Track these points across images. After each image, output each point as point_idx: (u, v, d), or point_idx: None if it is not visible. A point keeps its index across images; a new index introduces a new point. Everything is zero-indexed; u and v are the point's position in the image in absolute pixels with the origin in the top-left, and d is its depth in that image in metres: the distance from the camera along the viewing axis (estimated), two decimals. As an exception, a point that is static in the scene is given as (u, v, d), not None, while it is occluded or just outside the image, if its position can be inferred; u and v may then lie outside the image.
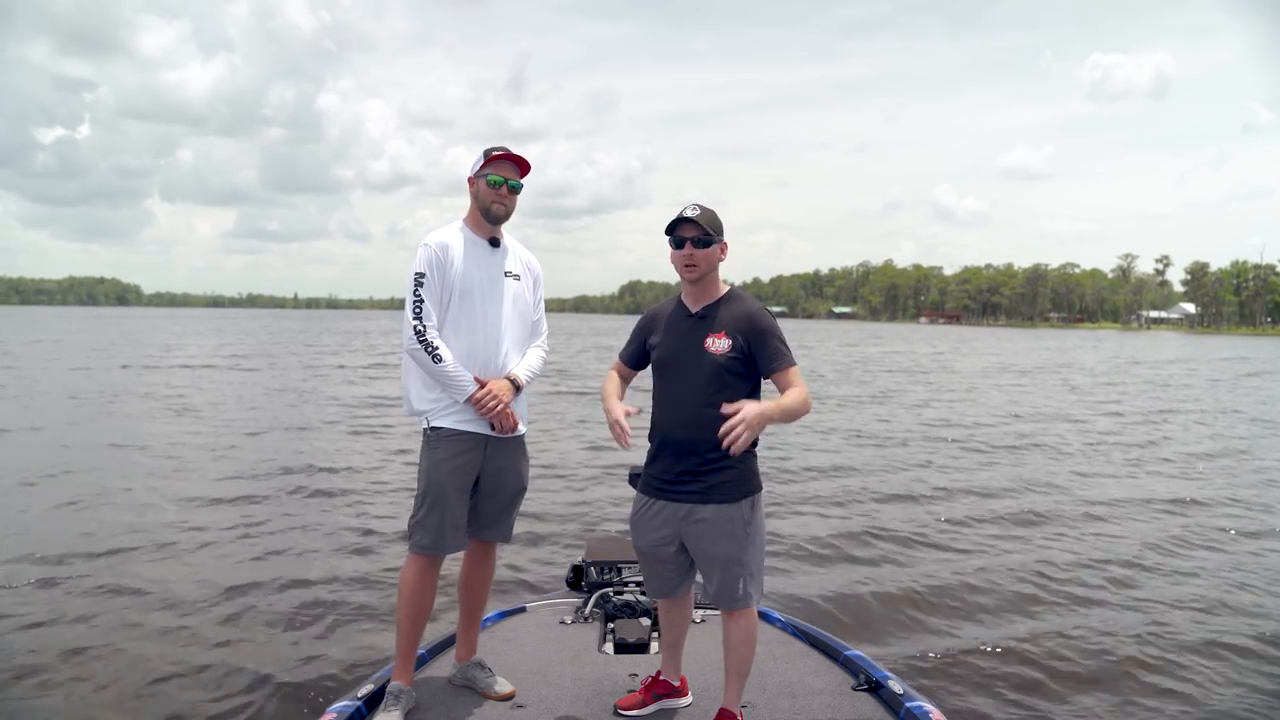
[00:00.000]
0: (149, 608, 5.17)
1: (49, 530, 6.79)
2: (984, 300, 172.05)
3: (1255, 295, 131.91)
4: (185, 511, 7.55)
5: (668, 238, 2.86)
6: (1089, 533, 7.39)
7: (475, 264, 3.05)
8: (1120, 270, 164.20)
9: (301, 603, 5.30)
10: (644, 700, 3.02)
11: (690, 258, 2.81)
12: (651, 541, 2.90)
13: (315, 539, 6.71)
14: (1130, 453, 12.05)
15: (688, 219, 2.79)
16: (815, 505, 8.28)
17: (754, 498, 2.83)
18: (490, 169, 3.04)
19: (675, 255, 2.84)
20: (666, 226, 2.85)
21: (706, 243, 2.81)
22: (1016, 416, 16.03)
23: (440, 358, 2.93)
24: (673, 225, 2.83)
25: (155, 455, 10.44)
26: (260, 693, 4.10)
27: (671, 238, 2.84)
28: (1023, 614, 5.38)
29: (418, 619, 3.06)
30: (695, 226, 2.79)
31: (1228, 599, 5.70)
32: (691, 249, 2.80)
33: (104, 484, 8.61)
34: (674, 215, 2.85)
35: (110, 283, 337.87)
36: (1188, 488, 9.44)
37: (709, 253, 2.82)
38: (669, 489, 2.85)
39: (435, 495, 2.98)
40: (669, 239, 2.86)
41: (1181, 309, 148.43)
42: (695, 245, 2.80)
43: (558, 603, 4.13)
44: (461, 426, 3.00)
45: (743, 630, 2.86)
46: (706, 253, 2.81)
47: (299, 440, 11.88)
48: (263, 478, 9.16)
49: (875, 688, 3.14)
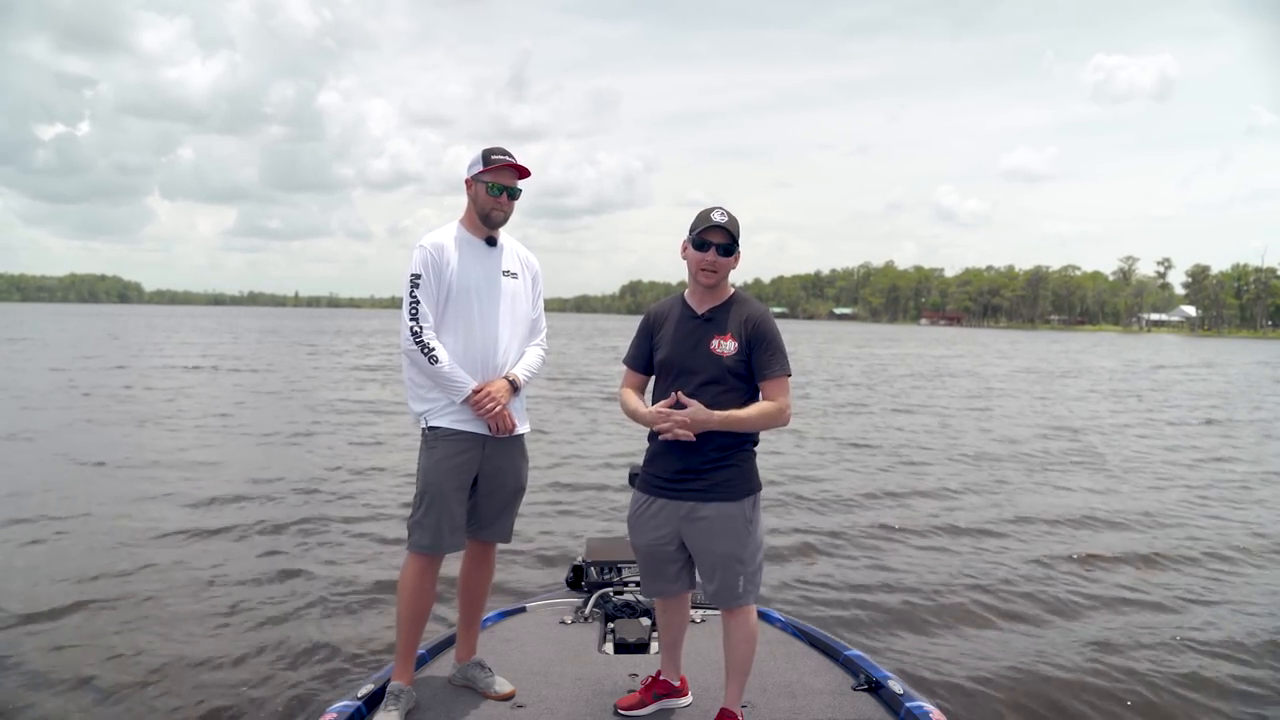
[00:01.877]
0: (147, 608, 5.16)
1: (49, 526, 6.81)
2: (985, 302, 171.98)
3: (1256, 298, 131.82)
4: (185, 511, 7.54)
5: (690, 235, 2.83)
6: (1098, 535, 7.39)
7: (471, 264, 3.05)
8: (1121, 272, 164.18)
9: (301, 602, 5.30)
10: (644, 700, 3.02)
11: (714, 264, 2.81)
12: (650, 540, 2.91)
13: (315, 539, 6.70)
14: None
15: (719, 225, 2.78)
16: (816, 505, 8.27)
17: (754, 496, 2.84)
18: (490, 176, 3.03)
19: (697, 257, 2.82)
20: (693, 225, 2.83)
21: (730, 250, 2.81)
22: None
23: (436, 359, 2.93)
24: (702, 229, 2.80)
25: (152, 454, 10.43)
26: (260, 693, 4.10)
27: (697, 238, 2.82)
28: (1023, 614, 5.37)
29: (417, 619, 3.06)
30: (724, 234, 2.79)
31: (1236, 613, 5.68)
32: (716, 256, 2.80)
33: (101, 482, 8.61)
34: (699, 213, 2.83)
35: (112, 280, 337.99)
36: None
37: (731, 260, 2.83)
38: (669, 487, 2.85)
39: (433, 495, 2.98)
40: (692, 238, 2.83)
41: (1182, 312, 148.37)
42: (720, 253, 2.80)
43: (558, 603, 4.13)
44: (459, 426, 3.00)
45: (743, 629, 2.86)
46: (729, 260, 2.82)
47: (298, 440, 11.87)
48: (262, 478, 9.15)
49: (875, 688, 3.14)
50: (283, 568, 5.92)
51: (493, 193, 3.03)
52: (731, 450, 2.79)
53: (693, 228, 2.83)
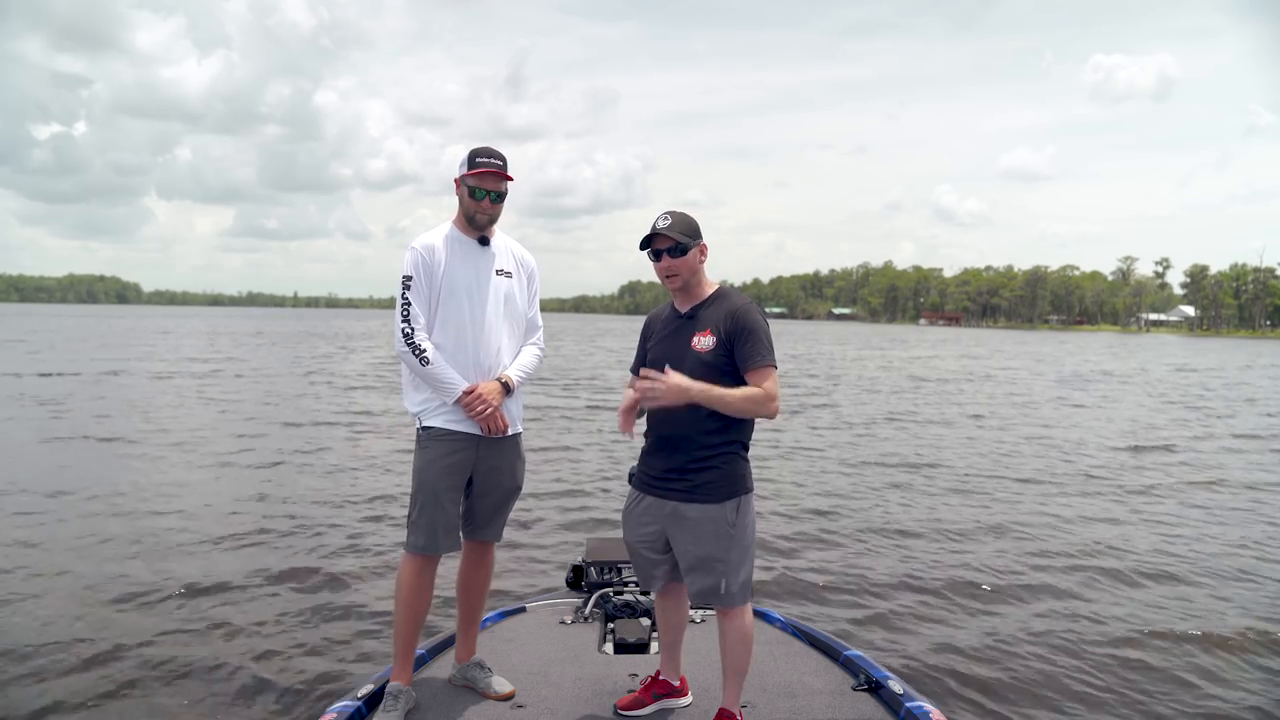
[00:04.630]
0: (146, 608, 5.16)
1: (46, 519, 6.81)
2: (983, 302, 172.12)
3: (1255, 299, 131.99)
4: (183, 511, 7.54)
5: (643, 252, 2.87)
6: (1106, 534, 7.39)
7: (463, 264, 3.05)
8: (1120, 272, 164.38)
9: (301, 603, 5.29)
10: (644, 700, 3.02)
11: (669, 268, 2.83)
12: (639, 536, 2.93)
13: (314, 539, 6.70)
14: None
15: (659, 232, 2.80)
16: (817, 504, 8.27)
17: (740, 499, 2.82)
18: (474, 180, 3.03)
19: (656, 268, 2.87)
20: (640, 242, 2.86)
21: (683, 250, 2.81)
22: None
23: (428, 360, 2.93)
24: (646, 240, 2.84)
25: (147, 454, 10.43)
26: (260, 693, 4.09)
27: (649, 251, 2.86)
28: (1024, 615, 5.38)
29: (415, 619, 3.06)
30: (666, 238, 2.80)
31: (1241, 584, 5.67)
32: (669, 260, 2.82)
33: (101, 479, 8.61)
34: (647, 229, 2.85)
35: (110, 280, 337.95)
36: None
37: (687, 260, 2.83)
38: (656, 484, 2.87)
39: (427, 495, 2.98)
40: (647, 253, 2.87)
41: (1181, 312, 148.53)
42: (671, 255, 2.82)
43: (558, 603, 4.13)
44: (453, 426, 3.00)
45: (737, 630, 2.86)
46: (685, 260, 2.83)
47: (297, 440, 11.86)
48: (260, 479, 9.15)
49: (875, 688, 3.14)
50: (282, 568, 5.91)
51: (475, 196, 3.04)
52: (718, 452, 2.79)
53: (641, 245, 2.87)
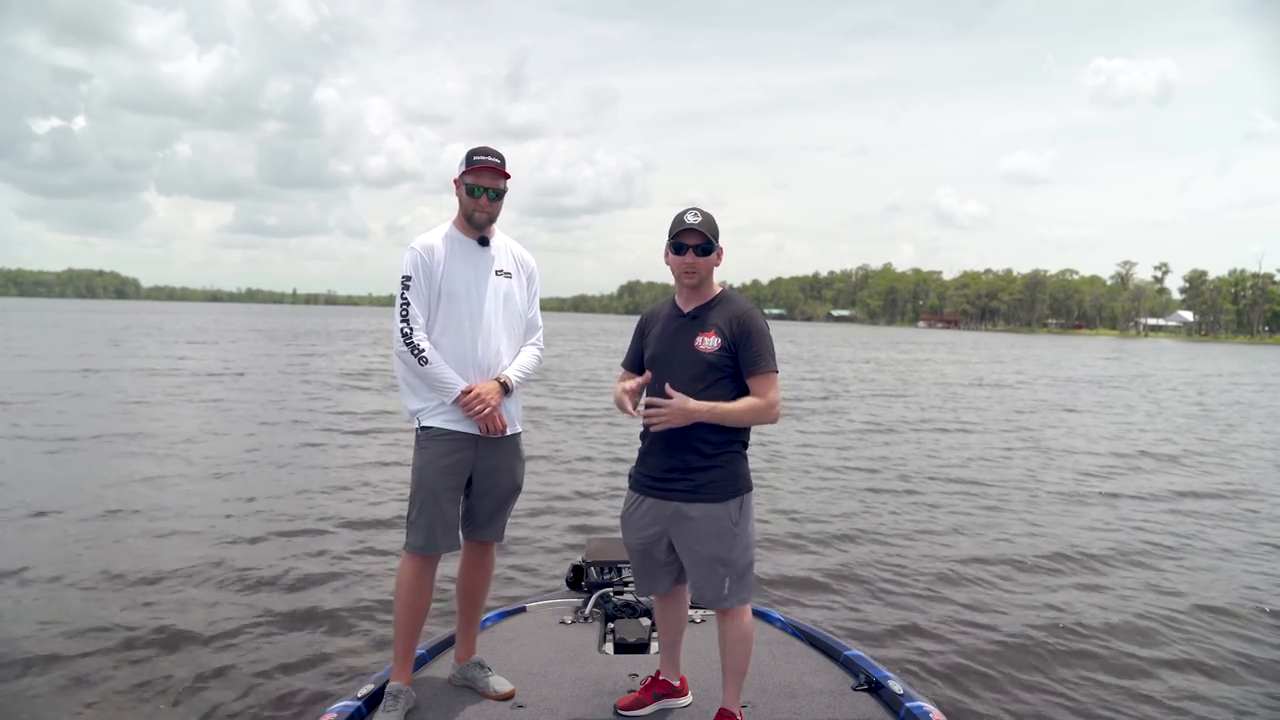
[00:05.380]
0: (146, 608, 5.16)
1: (44, 519, 6.80)
2: (982, 305, 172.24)
3: (1253, 304, 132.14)
4: (182, 512, 7.53)
5: (669, 241, 2.87)
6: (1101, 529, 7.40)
7: (462, 264, 3.05)
8: (1119, 277, 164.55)
9: (300, 603, 5.29)
10: (644, 700, 3.02)
11: (692, 265, 2.84)
12: (640, 539, 2.92)
13: (314, 539, 6.69)
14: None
15: (691, 227, 2.81)
16: (817, 505, 8.28)
17: (742, 498, 2.83)
18: (471, 178, 3.03)
19: (676, 261, 2.86)
20: (670, 230, 2.86)
21: (708, 250, 2.84)
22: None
23: (426, 360, 2.94)
24: (677, 232, 2.84)
25: (144, 453, 10.42)
26: (260, 693, 4.09)
27: (673, 242, 2.86)
28: (1024, 614, 5.38)
29: (415, 619, 3.06)
30: (699, 235, 2.82)
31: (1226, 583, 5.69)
32: (694, 257, 2.83)
33: (98, 474, 8.60)
34: (674, 216, 2.86)
35: (109, 276, 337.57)
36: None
37: (709, 260, 2.86)
38: (657, 486, 2.86)
39: (426, 495, 2.98)
40: (670, 243, 2.87)
41: (1179, 317, 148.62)
42: (697, 254, 2.83)
43: (558, 603, 4.13)
44: (451, 426, 2.99)
45: (737, 630, 2.86)
46: (707, 260, 2.85)
47: (296, 440, 11.86)
48: (259, 478, 9.15)
49: (875, 688, 3.14)
50: (282, 569, 5.91)
51: (473, 194, 3.03)
52: (720, 451, 2.79)
53: (670, 232, 2.87)
